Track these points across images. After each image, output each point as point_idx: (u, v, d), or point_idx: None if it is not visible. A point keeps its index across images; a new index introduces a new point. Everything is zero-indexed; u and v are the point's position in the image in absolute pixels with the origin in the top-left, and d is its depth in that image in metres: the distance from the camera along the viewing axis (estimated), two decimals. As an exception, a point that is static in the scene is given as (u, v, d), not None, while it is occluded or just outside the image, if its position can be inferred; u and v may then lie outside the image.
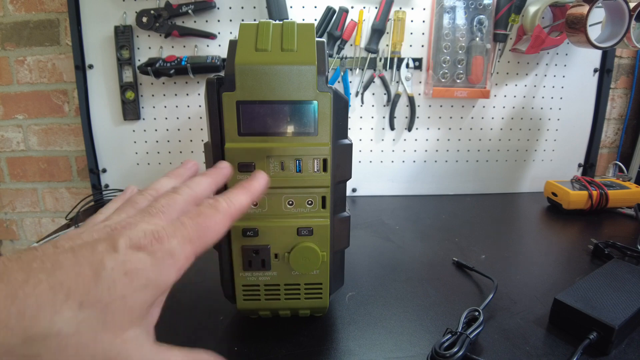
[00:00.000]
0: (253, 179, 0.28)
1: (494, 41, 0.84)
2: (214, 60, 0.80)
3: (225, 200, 0.24)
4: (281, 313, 0.43)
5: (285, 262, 0.39)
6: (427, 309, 0.46)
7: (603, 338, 0.38)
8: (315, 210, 0.39)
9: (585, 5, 0.68)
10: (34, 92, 0.90)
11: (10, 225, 1.01)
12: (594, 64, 0.90)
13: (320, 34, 0.81)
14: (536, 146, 0.94)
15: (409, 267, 0.57)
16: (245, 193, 0.26)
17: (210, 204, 0.23)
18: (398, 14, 0.82)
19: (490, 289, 0.48)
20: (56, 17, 0.86)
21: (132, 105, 0.84)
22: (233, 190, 0.26)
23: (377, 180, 0.93)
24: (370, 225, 0.73)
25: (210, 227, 0.22)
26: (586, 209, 0.77)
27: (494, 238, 0.68)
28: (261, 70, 0.35)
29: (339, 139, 0.38)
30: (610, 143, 1.03)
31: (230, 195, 0.25)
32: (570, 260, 0.59)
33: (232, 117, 0.35)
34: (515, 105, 0.91)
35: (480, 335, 0.40)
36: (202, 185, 0.26)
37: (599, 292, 0.42)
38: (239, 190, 0.26)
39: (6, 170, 0.96)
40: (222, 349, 0.39)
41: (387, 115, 0.88)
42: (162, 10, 0.79)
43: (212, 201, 0.24)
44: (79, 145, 0.93)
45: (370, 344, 0.40)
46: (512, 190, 0.96)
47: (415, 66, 0.86)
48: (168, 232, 0.21)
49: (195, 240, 0.22)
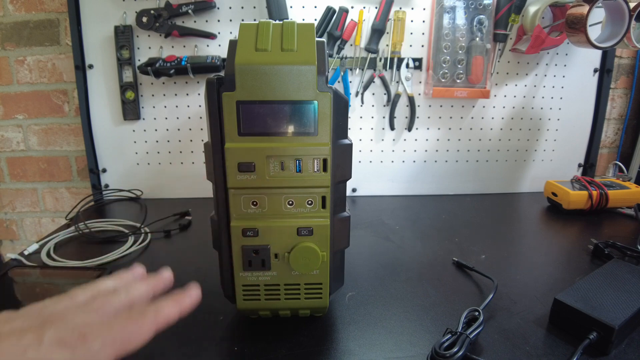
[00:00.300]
0: (185, 295, 0.29)
1: (494, 41, 0.84)
2: (214, 60, 0.80)
3: (154, 311, 0.25)
4: (281, 313, 0.43)
5: (285, 262, 0.39)
6: (427, 309, 0.46)
7: (603, 338, 0.38)
8: (315, 210, 0.39)
9: (585, 5, 0.68)
10: (34, 92, 0.90)
11: (10, 225, 1.01)
12: (594, 64, 0.90)
13: (320, 34, 0.81)
14: (536, 146, 0.94)
15: (409, 267, 0.57)
16: (175, 306, 0.27)
17: (139, 312, 0.25)
18: (398, 14, 0.82)
19: (490, 289, 0.48)
20: (56, 17, 0.86)
21: (132, 105, 0.84)
22: (164, 301, 0.27)
23: (377, 180, 0.93)
24: (370, 225, 0.73)
25: (134, 332, 0.24)
26: (586, 209, 0.77)
27: (494, 238, 0.68)
28: (261, 70, 0.35)
29: (339, 139, 0.38)
30: (610, 143, 1.03)
31: (160, 306, 0.26)
32: (570, 260, 0.59)
33: (232, 117, 0.35)
34: (515, 105, 0.91)
35: (480, 335, 0.40)
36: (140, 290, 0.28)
37: (599, 292, 0.42)
38: (169, 303, 0.27)
39: (6, 170, 0.96)
40: (222, 349, 0.40)
41: (387, 115, 0.88)
42: (162, 10, 0.79)
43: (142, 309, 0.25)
44: (79, 145, 0.93)
45: (370, 344, 0.40)
46: (512, 190, 0.96)
47: (415, 66, 0.86)
48: (94, 332, 0.22)
49: (118, 343, 0.23)
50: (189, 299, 0.29)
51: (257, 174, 0.37)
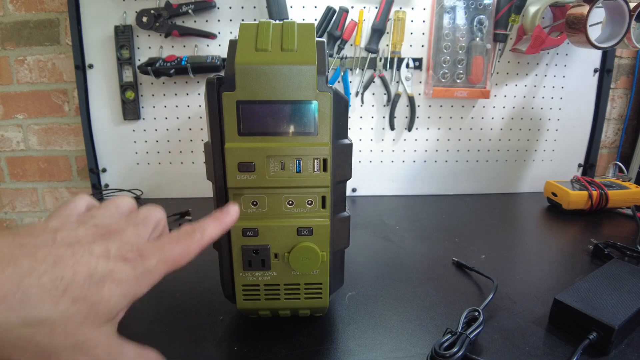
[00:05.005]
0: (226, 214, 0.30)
1: (494, 41, 0.84)
2: (214, 60, 0.80)
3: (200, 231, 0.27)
4: (281, 313, 0.43)
5: (285, 262, 0.39)
6: (427, 309, 0.46)
7: (603, 338, 0.38)
8: (315, 210, 0.39)
9: (585, 5, 0.68)
10: (34, 92, 0.90)
11: (10, 225, 1.01)
12: (594, 64, 0.90)
13: (321, 33, 0.81)
14: (536, 146, 0.94)
15: (409, 267, 0.57)
16: (218, 226, 0.29)
17: (187, 232, 0.26)
18: (398, 14, 0.82)
19: (490, 289, 0.48)
20: (56, 17, 0.86)
21: (132, 105, 0.84)
22: (207, 221, 0.29)
23: (377, 180, 0.93)
24: (370, 225, 0.73)
25: (183, 254, 0.25)
26: (586, 209, 0.77)
27: (494, 238, 0.68)
28: (261, 70, 0.35)
29: (339, 138, 0.38)
30: (610, 143, 1.03)
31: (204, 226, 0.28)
32: (570, 260, 0.59)
33: (232, 117, 0.35)
34: (515, 105, 0.91)
35: (480, 335, 0.40)
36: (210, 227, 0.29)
37: (598, 292, 0.42)
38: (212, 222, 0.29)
39: (6, 169, 0.96)
40: (222, 349, 0.39)
41: (387, 115, 0.88)
42: (162, 10, 0.79)
43: (189, 229, 0.27)
44: (79, 145, 0.93)
45: (370, 344, 0.40)
46: (512, 190, 0.96)
47: (415, 66, 0.86)
48: (149, 251, 0.23)
49: (170, 262, 0.24)
50: (229, 218, 0.30)
51: (257, 174, 0.37)
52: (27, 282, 0.19)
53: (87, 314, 0.20)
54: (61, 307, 0.19)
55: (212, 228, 0.28)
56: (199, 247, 0.26)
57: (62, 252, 0.20)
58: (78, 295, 0.20)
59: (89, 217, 0.25)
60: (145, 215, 0.26)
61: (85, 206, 0.27)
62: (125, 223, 0.25)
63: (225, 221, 0.30)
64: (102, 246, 0.22)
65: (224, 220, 0.30)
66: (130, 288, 0.22)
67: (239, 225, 0.38)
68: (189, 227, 0.27)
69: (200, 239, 0.27)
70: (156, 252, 0.24)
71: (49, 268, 0.19)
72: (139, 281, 0.22)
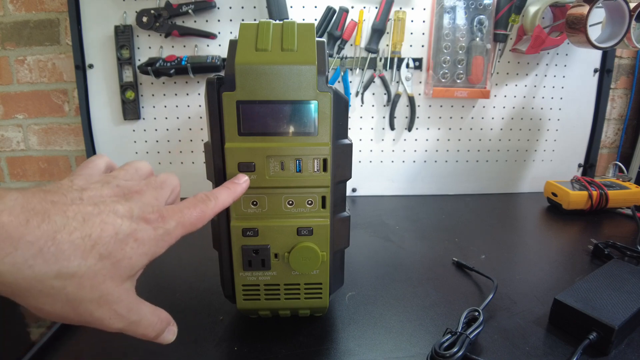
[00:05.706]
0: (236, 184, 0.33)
1: (494, 41, 0.84)
2: (214, 60, 0.80)
3: (214, 198, 0.29)
4: (281, 313, 0.43)
5: (285, 262, 0.39)
6: (427, 309, 0.46)
7: (603, 338, 0.38)
8: (315, 210, 0.39)
9: (585, 5, 0.68)
10: (34, 92, 0.90)
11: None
12: (594, 64, 0.90)
13: (321, 33, 0.81)
14: (536, 146, 0.94)
15: (409, 267, 0.57)
16: (230, 194, 0.31)
17: (202, 199, 0.28)
18: (398, 14, 0.82)
19: (490, 289, 0.48)
20: (56, 17, 0.86)
21: (132, 105, 0.84)
22: (220, 189, 0.31)
23: (377, 180, 0.93)
24: (370, 225, 0.73)
25: (199, 218, 0.27)
26: (586, 209, 0.77)
27: (494, 238, 0.68)
28: (261, 70, 0.35)
29: (339, 138, 0.38)
30: (610, 143, 1.03)
31: (218, 193, 0.30)
32: (570, 260, 0.59)
33: (232, 117, 0.35)
34: (515, 106, 0.91)
35: (480, 335, 0.40)
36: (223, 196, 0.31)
37: (598, 292, 0.42)
38: (224, 191, 0.31)
39: (6, 169, 0.96)
40: (222, 349, 0.39)
41: (387, 115, 0.88)
42: (162, 10, 0.79)
43: (204, 197, 0.28)
44: (79, 145, 0.93)
45: (370, 344, 0.40)
46: (512, 190, 0.96)
47: (416, 66, 0.86)
48: (169, 213, 0.25)
49: (187, 226, 0.26)
50: (240, 188, 0.33)
51: (257, 173, 0.37)
52: (60, 238, 0.20)
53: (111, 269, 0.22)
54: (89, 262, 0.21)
55: (225, 196, 0.30)
56: (213, 213, 0.28)
57: (90, 210, 0.22)
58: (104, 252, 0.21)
59: (112, 177, 0.26)
60: (164, 179, 0.28)
61: (105, 165, 0.29)
62: (145, 185, 0.26)
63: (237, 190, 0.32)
64: (126, 206, 0.23)
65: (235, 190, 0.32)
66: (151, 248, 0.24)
67: (239, 225, 0.38)
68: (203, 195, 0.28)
69: (214, 205, 0.28)
70: (175, 215, 0.25)
71: (78, 225, 0.21)
72: (158, 242, 0.24)
